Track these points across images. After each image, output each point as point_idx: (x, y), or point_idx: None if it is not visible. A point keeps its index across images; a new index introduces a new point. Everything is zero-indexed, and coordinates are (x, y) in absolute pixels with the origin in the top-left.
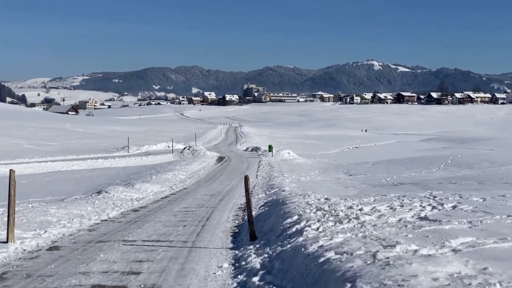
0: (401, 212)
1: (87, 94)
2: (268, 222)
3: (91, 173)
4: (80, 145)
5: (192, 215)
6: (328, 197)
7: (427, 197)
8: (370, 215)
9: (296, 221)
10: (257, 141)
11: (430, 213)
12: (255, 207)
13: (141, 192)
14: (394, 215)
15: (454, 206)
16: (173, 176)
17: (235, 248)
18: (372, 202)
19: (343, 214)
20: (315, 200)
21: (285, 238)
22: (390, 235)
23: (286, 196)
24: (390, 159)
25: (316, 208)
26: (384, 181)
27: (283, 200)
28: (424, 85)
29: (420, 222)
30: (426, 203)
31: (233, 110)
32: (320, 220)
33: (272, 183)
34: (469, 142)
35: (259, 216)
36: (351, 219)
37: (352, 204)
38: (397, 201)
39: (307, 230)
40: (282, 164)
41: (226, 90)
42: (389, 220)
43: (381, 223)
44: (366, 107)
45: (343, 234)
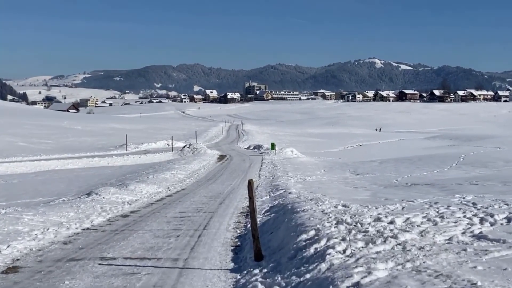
0: (445, 226)
1: (88, 92)
2: (277, 236)
3: (86, 172)
4: (77, 143)
5: (188, 222)
6: (346, 204)
7: (465, 204)
8: (409, 231)
9: (313, 238)
10: (259, 139)
11: (485, 228)
12: (259, 212)
13: (134, 194)
14: (439, 232)
15: (509, 219)
16: (171, 175)
17: (236, 270)
18: (401, 211)
19: (373, 230)
20: (332, 207)
21: (302, 263)
22: (451, 266)
23: (294, 201)
24: (398, 158)
25: (335, 219)
26: (396, 181)
27: (293, 207)
28: (426, 83)
29: (480, 244)
30: (470, 213)
31: (234, 108)
32: (346, 239)
33: (277, 184)
34: (474, 140)
35: (264, 225)
36: (386, 237)
37: (379, 214)
38: (431, 209)
39: (331, 254)
40: (285, 162)
41: (227, 88)
42: (436, 240)
43: (428, 244)
44: (368, 105)
45: (384, 263)
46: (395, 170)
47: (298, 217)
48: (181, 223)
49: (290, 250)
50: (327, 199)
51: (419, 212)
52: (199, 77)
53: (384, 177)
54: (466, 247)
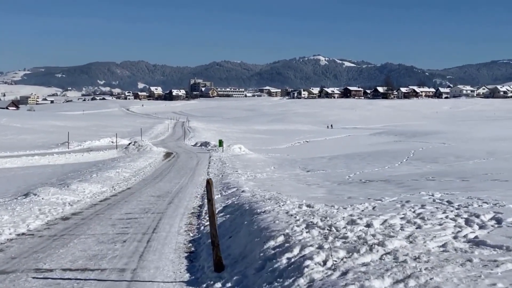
0: (431, 230)
1: (29, 89)
2: (237, 241)
3: (25, 172)
4: (16, 141)
5: (135, 225)
6: (311, 204)
7: (439, 203)
8: (394, 236)
9: (283, 245)
10: (205, 136)
11: (479, 232)
12: None
13: (77, 194)
14: (428, 237)
15: (498, 220)
16: (116, 174)
17: (194, 283)
18: (373, 212)
19: (353, 236)
20: (296, 208)
21: (274, 278)
22: (465, 284)
23: (251, 200)
24: (347, 154)
25: (305, 222)
26: (348, 178)
27: (251, 207)
28: (369, 80)
29: (482, 252)
30: (451, 213)
31: (180, 105)
32: (323, 247)
33: (227, 182)
34: (419, 136)
35: (220, 227)
36: (372, 245)
37: (351, 216)
38: (406, 209)
39: (309, 266)
40: (234, 159)
41: (172, 85)
42: (430, 247)
43: (423, 253)
44: (314, 102)
45: (379, 279)
46: (346, 166)
47: (261, 220)
48: (127, 225)
49: (257, 259)
50: (288, 198)
51: (394, 212)
52: (143, 74)
53: (335, 173)
54: (469, 256)
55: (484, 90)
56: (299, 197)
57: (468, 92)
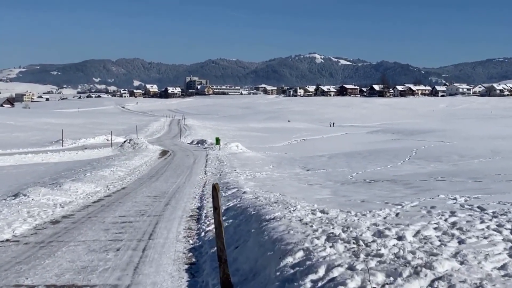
0: (479, 246)
1: (24, 87)
2: (246, 253)
3: (17, 170)
4: (9, 139)
5: (130, 230)
6: (325, 210)
7: (469, 209)
8: (439, 254)
9: (304, 263)
10: (202, 134)
11: None
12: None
13: (69, 195)
14: (480, 256)
15: None
16: (111, 173)
17: None
18: (399, 220)
19: (388, 253)
20: (309, 214)
21: None
22: None
23: (255, 204)
24: (347, 152)
25: (324, 233)
26: (351, 177)
27: (258, 213)
28: (365, 78)
29: None
30: (490, 222)
31: (175, 103)
32: (355, 267)
33: (226, 181)
34: (417, 134)
35: None
36: (416, 267)
37: (376, 225)
38: (435, 217)
39: None
40: (231, 158)
41: (168, 83)
42: (488, 270)
43: (485, 280)
44: (309, 100)
45: None
46: (347, 165)
47: (272, 229)
48: (121, 230)
49: (272, 279)
50: (297, 202)
51: (423, 221)
52: (139, 71)
53: (337, 172)
54: None
55: (481, 89)
56: (306, 200)
57: (465, 90)
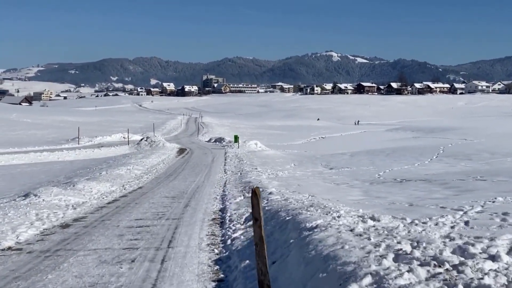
0: None
1: (42, 85)
2: (287, 271)
3: (31, 168)
4: (25, 137)
5: (147, 236)
6: (375, 216)
7: None
8: None
9: None
10: (219, 132)
11: None
12: (237, 220)
13: (82, 195)
14: None
15: None
16: (127, 171)
17: None
18: (471, 231)
19: (494, 283)
20: (359, 223)
21: None
22: None
23: (287, 207)
24: (368, 150)
25: (390, 249)
26: (379, 176)
27: (295, 218)
28: (382, 76)
29: None
30: None
31: (192, 101)
32: None
33: (248, 181)
34: (437, 132)
35: (252, 244)
36: None
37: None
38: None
39: None
40: (251, 156)
41: (185, 81)
42: None
43: None
44: (327, 98)
45: None
46: (371, 163)
47: (318, 241)
48: (137, 236)
49: None
50: (338, 206)
51: (509, 233)
52: (156, 70)
53: (362, 171)
54: None
55: (500, 86)
56: (339, 201)
57: (484, 87)
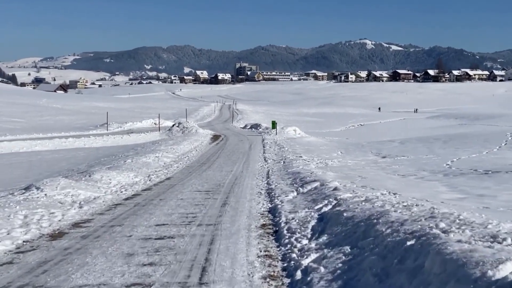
0: None
1: (78, 74)
2: None
3: (54, 155)
4: (52, 122)
5: (168, 259)
6: None
7: None
8: None
9: None
10: (254, 118)
11: None
12: (300, 227)
13: (97, 188)
14: None
15: None
16: (155, 159)
17: None
18: None
19: None
20: None
21: None
22: None
23: (381, 216)
24: (420, 137)
25: None
26: (448, 166)
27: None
28: (417, 63)
29: None
30: None
31: (225, 89)
32: None
33: (296, 171)
34: (483, 119)
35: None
36: None
37: None
38: None
39: None
40: (291, 143)
41: (218, 69)
42: None
43: None
44: (362, 85)
45: None
46: (429, 151)
47: None
48: (153, 259)
49: None
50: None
51: None
52: (189, 58)
53: (424, 160)
54: None
55: None
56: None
57: None
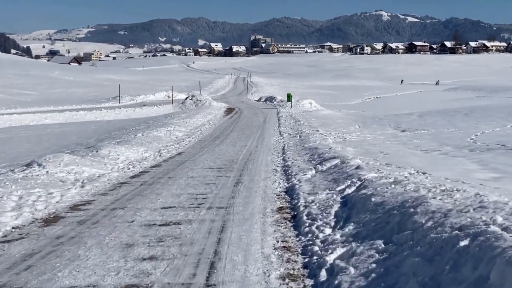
0: None
1: (92, 46)
2: None
3: (64, 129)
4: (64, 95)
5: (172, 251)
6: None
7: None
8: None
9: None
10: (269, 91)
11: None
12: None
13: (103, 164)
14: None
15: None
16: (167, 133)
17: None
18: None
19: None
20: None
21: None
22: None
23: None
24: (439, 110)
25: None
26: (473, 141)
27: None
28: (433, 35)
29: None
30: None
31: (240, 61)
32: None
33: (313, 146)
34: (502, 91)
35: None
36: None
37: None
38: None
39: None
40: (307, 116)
41: (232, 41)
42: None
43: None
44: (377, 57)
45: None
46: (451, 124)
47: None
48: (155, 251)
49: None
50: None
51: None
52: (203, 30)
53: (446, 134)
54: None
55: None
56: (472, 183)
57: None
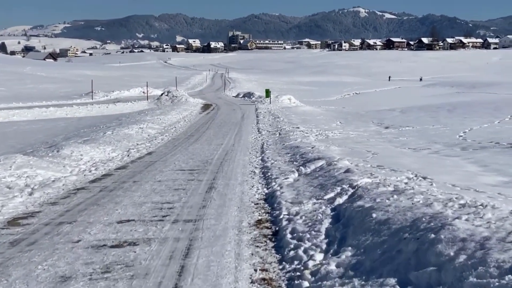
0: None
1: (69, 42)
2: None
3: (31, 126)
4: (35, 91)
5: (123, 281)
6: None
7: None
8: None
9: None
10: (247, 87)
11: None
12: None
13: (62, 166)
14: None
15: None
16: (139, 130)
17: None
18: None
19: None
20: None
21: None
22: None
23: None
24: (421, 106)
25: None
26: (462, 138)
27: None
28: (410, 32)
29: None
30: None
31: (218, 58)
32: None
33: (294, 145)
34: (480, 87)
35: None
36: None
37: None
38: None
39: None
40: (286, 112)
41: (211, 38)
42: None
43: None
44: (355, 54)
45: None
46: (435, 121)
47: None
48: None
49: None
50: None
51: None
52: (181, 27)
53: (432, 131)
54: None
55: None
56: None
57: None
